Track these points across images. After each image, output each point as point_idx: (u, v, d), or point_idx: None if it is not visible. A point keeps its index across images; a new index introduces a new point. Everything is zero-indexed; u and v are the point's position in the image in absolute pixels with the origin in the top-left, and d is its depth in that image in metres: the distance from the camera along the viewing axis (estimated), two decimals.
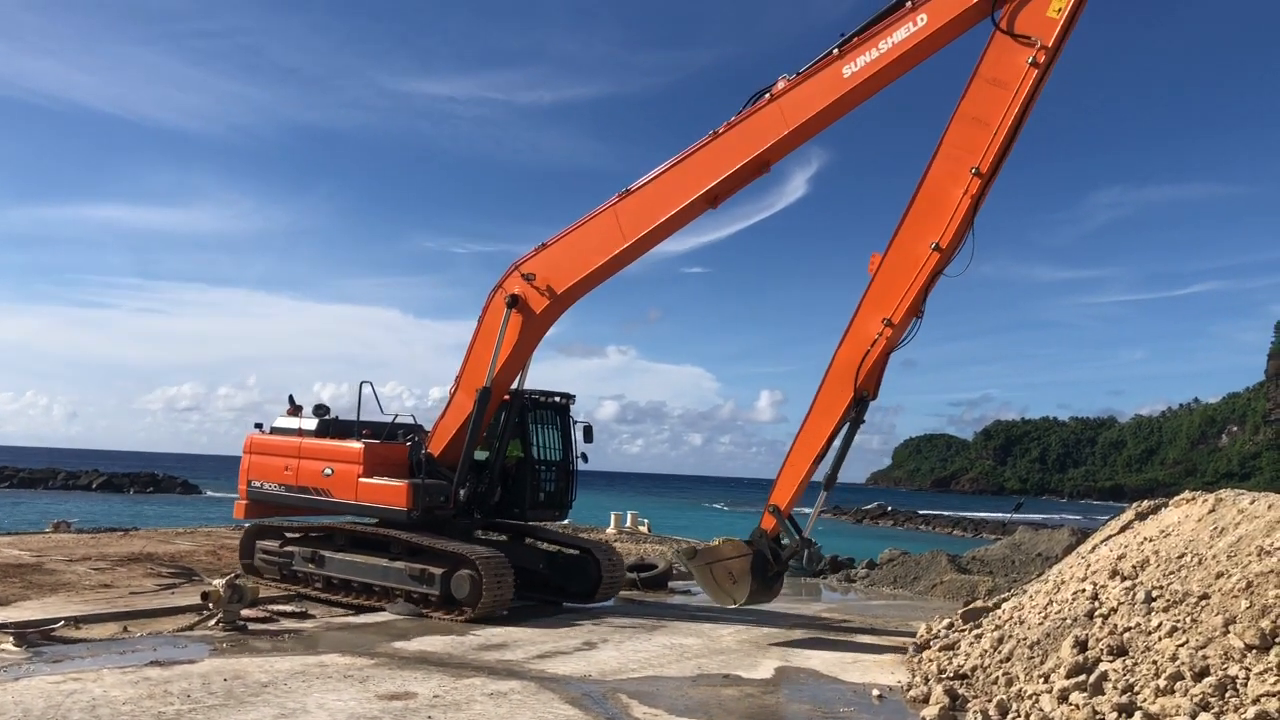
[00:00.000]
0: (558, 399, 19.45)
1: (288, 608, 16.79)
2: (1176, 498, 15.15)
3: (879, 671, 13.44)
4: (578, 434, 19.52)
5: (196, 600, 15.81)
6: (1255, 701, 8.42)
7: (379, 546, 17.48)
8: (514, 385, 18.24)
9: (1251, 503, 12.84)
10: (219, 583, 14.88)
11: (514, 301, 17.37)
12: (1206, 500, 14.02)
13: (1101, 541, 15.63)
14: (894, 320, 15.06)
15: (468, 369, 17.94)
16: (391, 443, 18.33)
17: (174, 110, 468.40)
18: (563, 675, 12.44)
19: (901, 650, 14.74)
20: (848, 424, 15.81)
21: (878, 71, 14.66)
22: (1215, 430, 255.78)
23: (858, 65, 14.80)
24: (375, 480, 17.50)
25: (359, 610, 16.85)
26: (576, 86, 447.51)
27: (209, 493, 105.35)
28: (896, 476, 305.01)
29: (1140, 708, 9.09)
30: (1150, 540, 13.45)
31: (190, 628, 14.31)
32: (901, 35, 14.44)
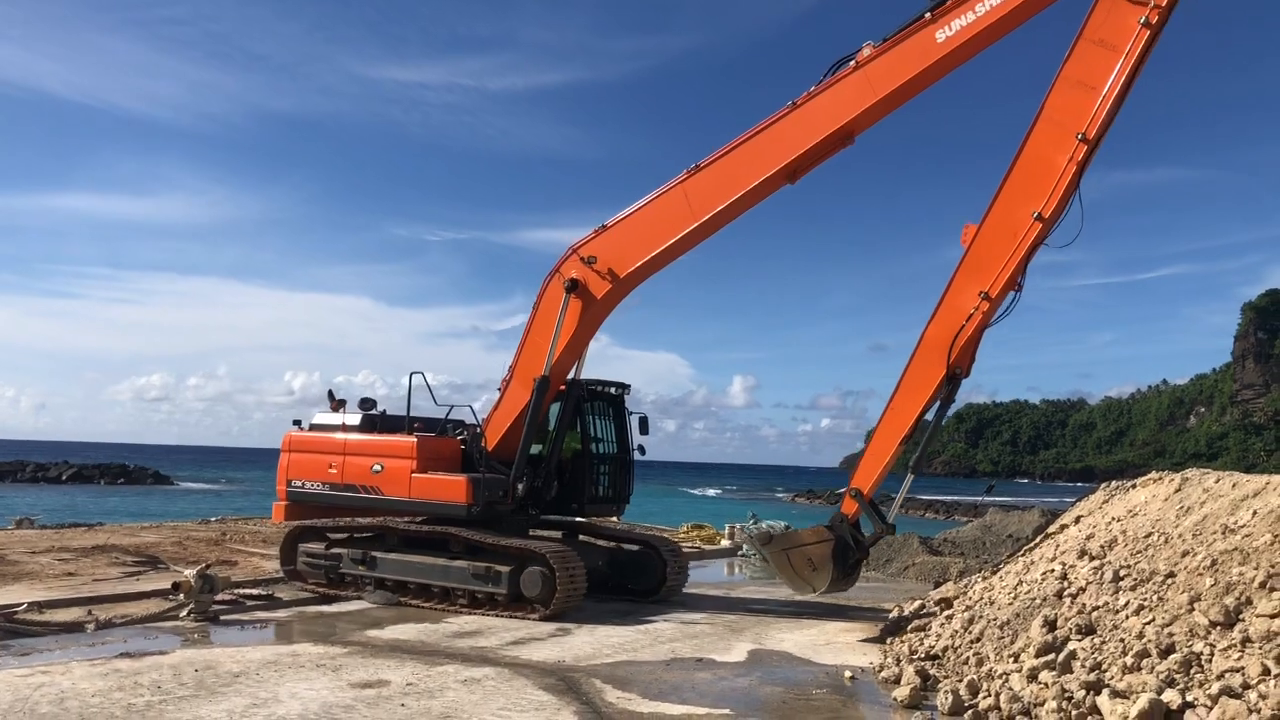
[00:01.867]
0: (613, 389, 18.77)
1: (255, 590, 16.78)
2: (1143, 478, 15.33)
3: (851, 653, 13.52)
4: (633, 425, 18.88)
5: (162, 586, 15.72)
6: (1220, 677, 8.52)
7: (434, 545, 16.71)
8: (570, 375, 17.69)
9: (1216, 482, 13.01)
10: (190, 573, 14.77)
11: (573, 286, 16.59)
12: (1173, 480, 14.19)
13: (1071, 522, 15.78)
14: (991, 293, 14.57)
15: (523, 358, 17.21)
16: (444, 437, 17.59)
17: (142, 98, 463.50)
18: (536, 661, 12.44)
19: (874, 632, 14.83)
20: (938, 403, 15.32)
21: (973, 36, 14.03)
22: (1183, 411, 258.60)
23: (952, 30, 14.15)
24: (430, 475, 16.71)
25: (332, 600, 16.78)
26: (549, 72, 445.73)
27: (181, 484, 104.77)
28: None
29: (1108, 685, 9.18)
30: (1118, 520, 13.61)
31: (160, 618, 14.21)
32: None
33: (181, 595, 14.62)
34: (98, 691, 10.06)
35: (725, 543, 28.46)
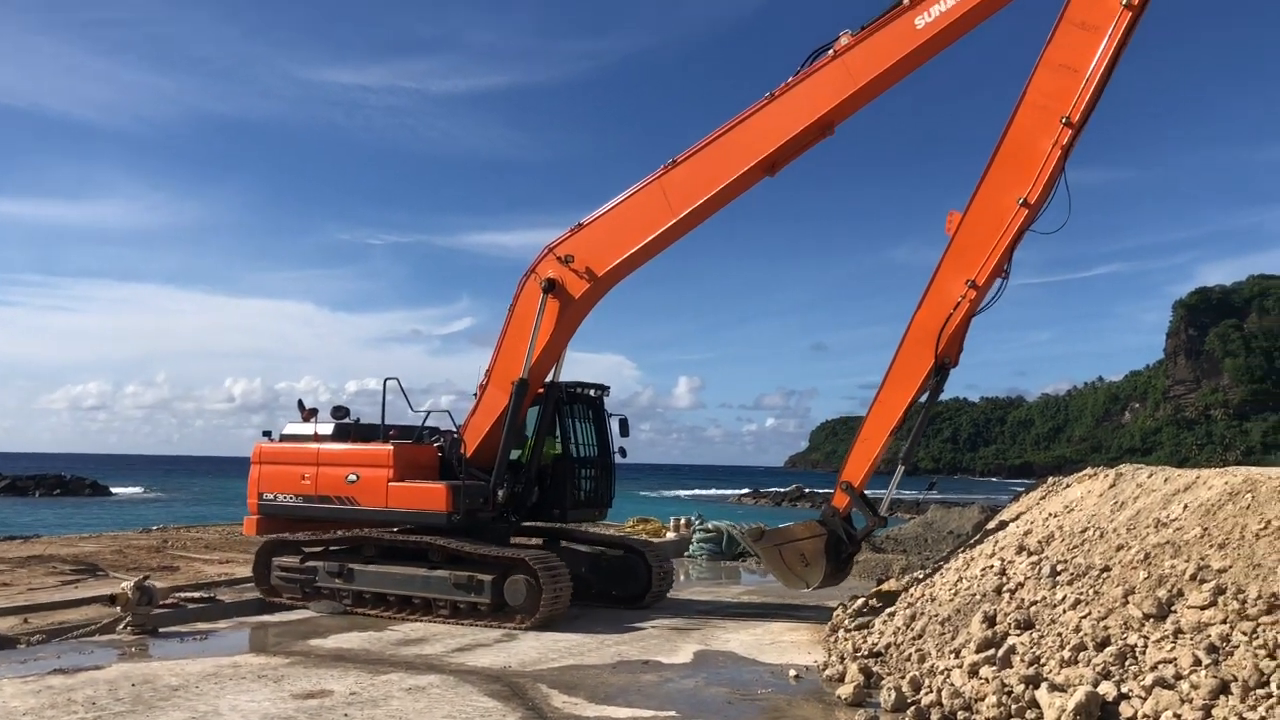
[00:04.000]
0: (592, 391, 18.46)
1: (196, 594, 16.54)
2: (1079, 474, 15.60)
3: (796, 652, 13.62)
4: (613, 427, 18.65)
5: (101, 593, 15.41)
6: (1153, 668, 8.70)
7: (413, 556, 16.39)
8: (548, 377, 17.36)
9: (1149, 477, 13.29)
10: (126, 585, 14.48)
11: (550, 286, 16.26)
12: (1107, 475, 14.47)
13: (1010, 518, 16.02)
14: (978, 281, 14.46)
15: (499, 361, 16.83)
16: (421, 444, 17.25)
17: (77, 101, 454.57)
18: (482, 668, 12.37)
19: (819, 630, 14.95)
20: (927, 393, 15.23)
21: (954, 21, 13.94)
22: (1119, 407, 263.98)
23: (931, 15, 14.03)
24: (408, 484, 16.38)
25: (275, 608, 16.56)
26: (492, 75, 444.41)
27: (118, 492, 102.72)
28: (814, 459, 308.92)
29: (1046, 679, 9.34)
30: (1055, 516, 13.84)
31: (96, 631, 13.92)
32: None
33: (119, 608, 14.32)
34: (29, 710, 9.82)
35: (671, 535, 28.58)
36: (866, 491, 15.89)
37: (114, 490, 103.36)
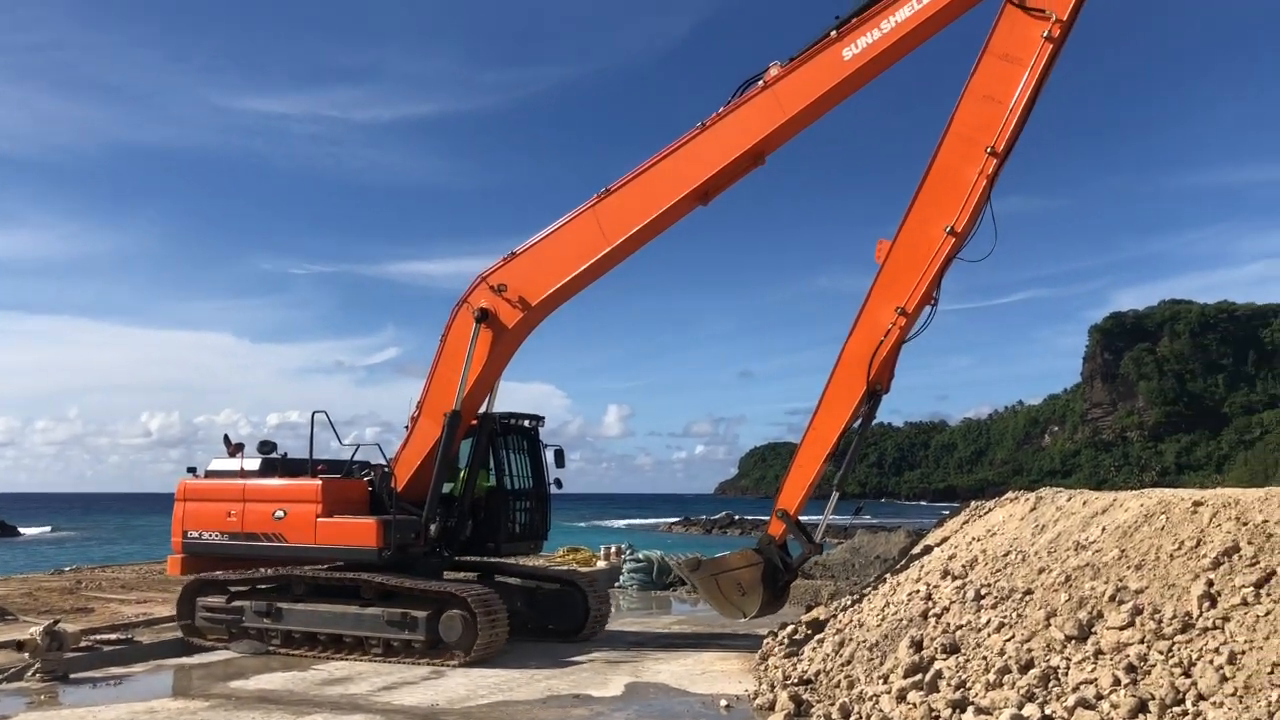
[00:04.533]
0: (526, 422, 18.23)
1: (113, 635, 16.01)
2: (1000, 498, 15.87)
3: (727, 681, 13.62)
4: (549, 458, 18.42)
5: (9, 638, 14.83)
6: (1075, 689, 8.85)
7: (344, 593, 15.91)
8: (482, 408, 17.09)
9: (1068, 500, 13.56)
10: (35, 630, 13.97)
11: (483, 316, 16.08)
12: (1028, 499, 14.74)
13: (935, 543, 16.23)
14: (907, 309, 14.56)
15: (431, 392, 16.58)
16: (350, 478, 16.87)
17: None
18: (409, 706, 12.18)
19: (749, 659, 14.96)
20: (859, 420, 15.24)
21: (880, 53, 14.11)
22: (1038, 431, 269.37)
23: (858, 47, 14.19)
24: (337, 519, 15.99)
25: (194, 650, 16.10)
26: (417, 104, 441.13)
27: (27, 532, 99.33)
28: (743, 485, 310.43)
29: (972, 703, 9.46)
30: (978, 540, 14.05)
31: (3, 680, 13.39)
32: (905, 14, 13.93)
33: (27, 654, 13.81)
34: None
35: (601, 564, 28.41)
36: (802, 517, 15.89)
37: (23, 530, 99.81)
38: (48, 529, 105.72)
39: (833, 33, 14.39)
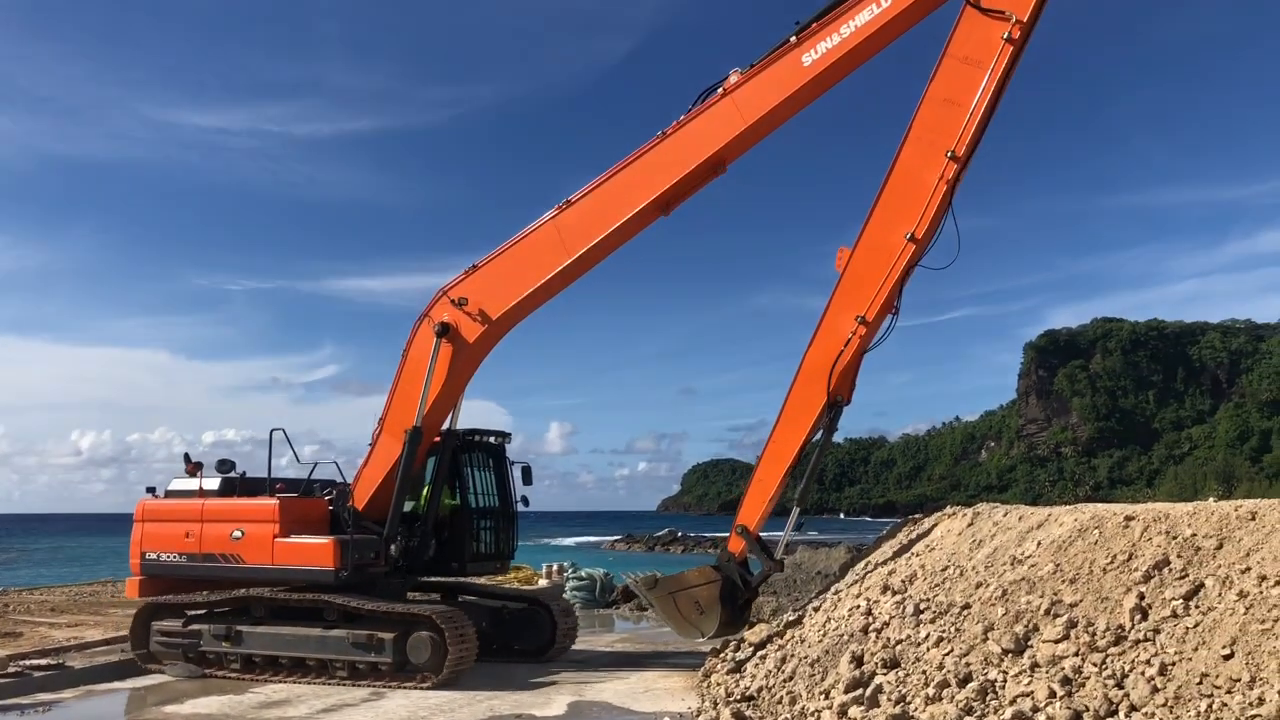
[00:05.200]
0: (492, 438, 17.92)
1: (43, 661, 15.58)
2: (938, 513, 16.06)
3: (670, 699, 13.62)
4: (515, 475, 18.11)
5: None
6: (1012, 702, 9.02)
7: (306, 615, 15.51)
8: (445, 425, 16.77)
9: (1005, 515, 13.80)
10: None
11: (444, 330, 15.76)
12: (966, 515, 14.95)
13: (874, 558, 16.39)
14: (868, 318, 14.33)
15: (392, 409, 16.27)
16: (309, 497, 16.47)
17: None
18: None
19: (691, 676, 14.97)
20: (821, 431, 14.98)
21: (840, 59, 13.92)
22: (975, 446, 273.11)
23: (818, 53, 14.00)
24: (294, 540, 15.60)
25: (126, 675, 15.75)
26: (356, 119, 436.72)
27: None
28: (686, 502, 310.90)
29: (912, 717, 9.58)
30: (917, 555, 14.22)
31: None
32: (864, 18, 13.71)
33: None
34: None
35: (543, 583, 28.25)
36: (761, 534, 15.65)
37: None
38: None
39: (793, 38, 14.23)
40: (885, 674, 10.76)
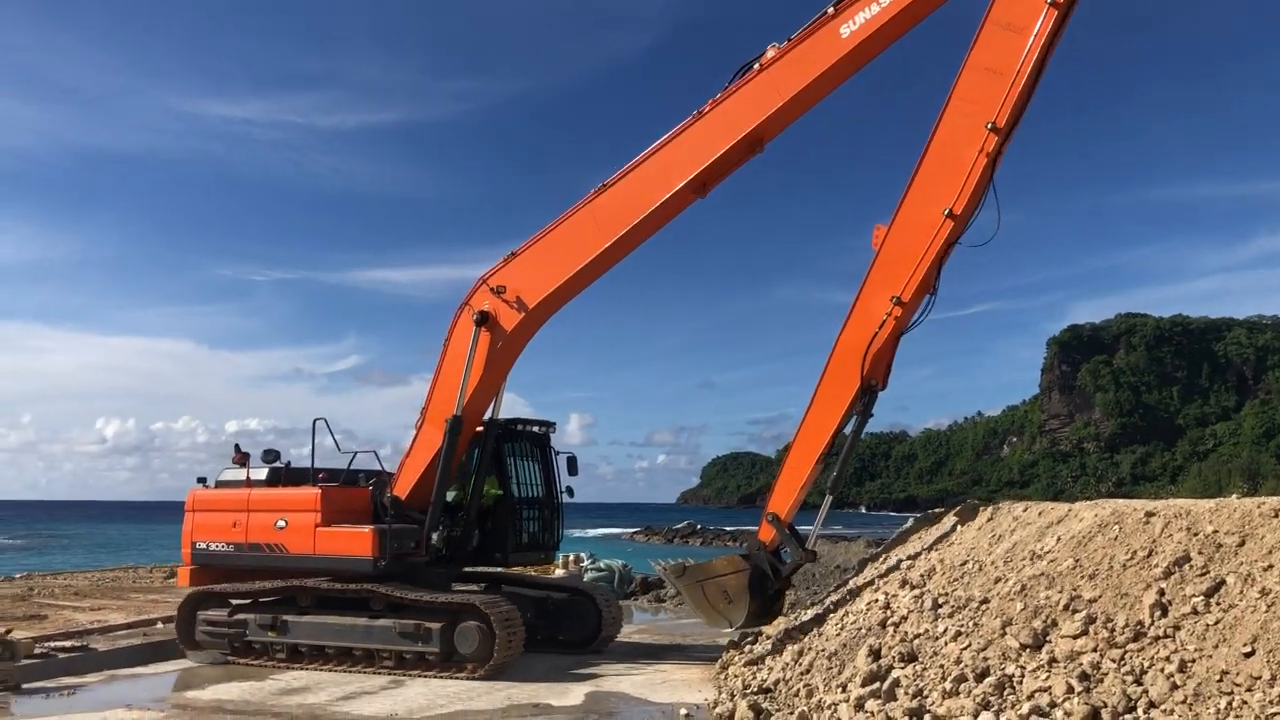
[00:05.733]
0: (536, 428, 17.89)
1: (67, 643, 15.78)
2: (958, 507, 16.01)
3: (687, 690, 13.64)
4: (560, 466, 18.06)
5: None
6: (1030, 697, 8.98)
7: (352, 605, 15.59)
8: (488, 414, 16.72)
9: (1024, 510, 13.74)
10: None
11: (483, 319, 15.67)
12: (985, 509, 14.91)
13: (893, 552, 16.36)
14: (904, 298, 13.78)
15: (434, 398, 16.18)
16: (352, 486, 16.52)
17: None
18: (367, 716, 12.12)
19: (709, 668, 14.99)
20: (855, 418, 14.54)
21: (879, 29, 13.42)
22: (997, 441, 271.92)
23: (856, 23, 13.51)
24: (335, 529, 15.64)
25: (150, 660, 15.92)
26: (379, 111, 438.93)
27: None
28: (705, 495, 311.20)
29: (929, 710, 9.55)
30: (936, 550, 14.19)
31: None
32: None
33: None
34: None
35: (560, 573, 28.30)
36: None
37: None
38: (2, 537, 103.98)
39: (830, 10, 13.77)
40: (903, 668, 10.74)
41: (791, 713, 10.95)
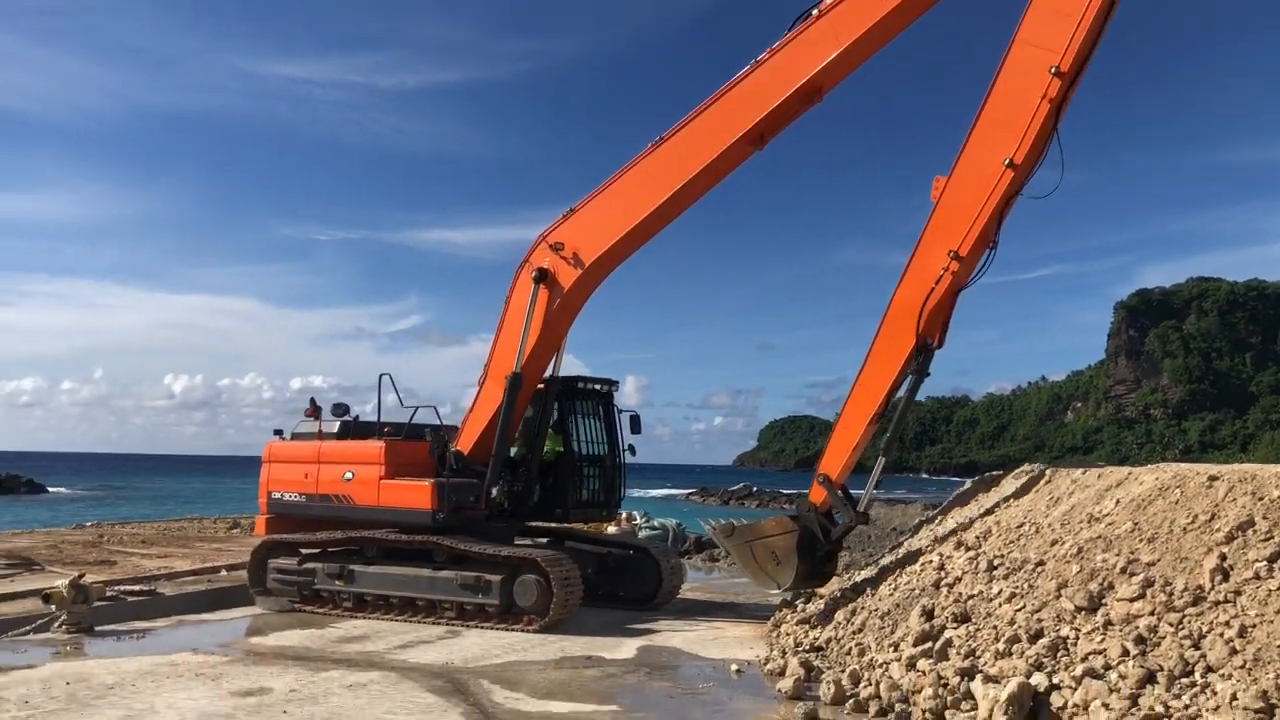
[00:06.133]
0: (598, 386, 17.90)
1: (136, 587, 16.34)
2: (1015, 470, 15.83)
3: (738, 647, 13.71)
4: (623, 424, 18.04)
5: (37, 587, 15.16)
6: (1084, 659, 8.90)
7: (416, 556, 15.92)
8: (549, 372, 16.90)
9: (1083, 473, 13.55)
10: (61, 583, 14.23)
11: (542, 276, 15.65)
12: (1044, 472, 14.72)
13: (949, 514, 16.24)
14: (961, 253, 13.32)
15: (496, 355, 16.28)
16: (416, 440, 16.68)
17: (10, 92, 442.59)
18: (424, 664, 12.34)
19: (761, 626, 15.06)
20: (910, 377, 14.17)
21: None
22: (1061, 407, 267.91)
23: None
24: (398, 482, 16.02)
25: (216, 606, 16.38)
26: (441, 70, 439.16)
27: (55, 489, 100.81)
28: (762, 458, 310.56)
29: (981, 670, 9.51)
30: (992, 512, 14.06)
31: (30, 631, 13.66)
32: None
33: (54, 606, 14.07)
34: None
35: (612, 530, 28.47)
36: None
37: (50, 488, 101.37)
38: (75, 488, 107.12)
39: None
40: (955, 628, 10.70)
41: (843, 671, 10.97)
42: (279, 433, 18.01)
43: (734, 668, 12.21)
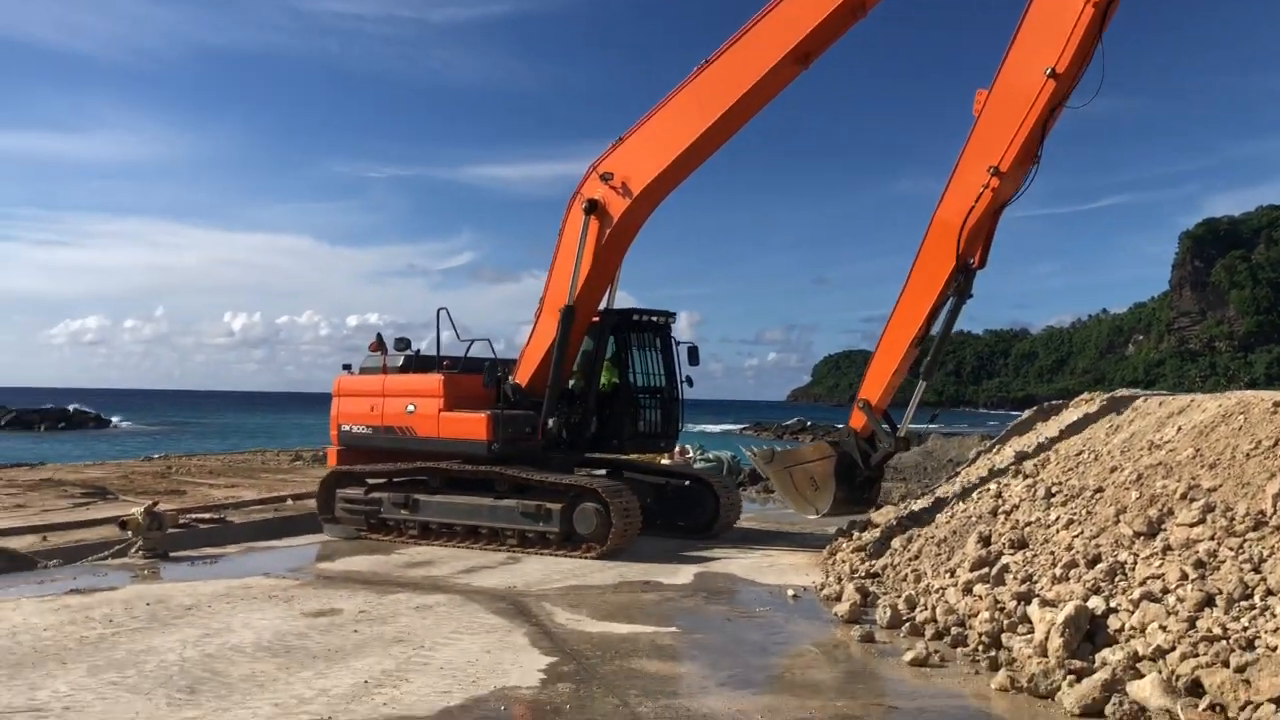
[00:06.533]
0: (655, 318, 17.89)
1: (206, 515, 16.96)
2: (1076, 399, 15.72)
3: (795, 574, 13.87)
4: (681, 356, 18.10)
5: (112, 514, 15.75)
6: (1142, 584, 8.91)
7: (479, 485, 16.25)
8: (603, 304, 16.99)
9: (1144, 401, 13.43)
10: (137, 510, 14.76)
11: (592, 207, 15.55)
12: (1105, 400, 14.61)
13: (1008, 444, 16.21)
14: (1002, 168, 13.00)
15: (550, 288, 16.32)
16: (475, 373, 16.79)
17: (68, 31, 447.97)
18: (488, 588, 12.65)
19: (816, 554, 15.19)
20: (950, 299, 13.94)
21: None
22: (1122, 340, 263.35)
23: None
24: (456, 413, 16.34)
25: (283, 534, 16.91)
26: (491, 4, 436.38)
27: (121, 425, 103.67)
28: (816, 393, 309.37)
29: (1038, 595, 9.56)
30: (1051, 441, 14.01)
31: (109, 556, 14.21)
32: None
33: (130, 533, 14.60)
34: (50, 626, 10.10)
35: (665, 462, 28.65)
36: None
37: (116, 423, 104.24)
38: (141, 423, 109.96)
39: None
40: (1012, 554, 10.75)
41: (899, 596, 11.09)
42: (348, 367, 18.42)
43: (790, 593, 12.37)
